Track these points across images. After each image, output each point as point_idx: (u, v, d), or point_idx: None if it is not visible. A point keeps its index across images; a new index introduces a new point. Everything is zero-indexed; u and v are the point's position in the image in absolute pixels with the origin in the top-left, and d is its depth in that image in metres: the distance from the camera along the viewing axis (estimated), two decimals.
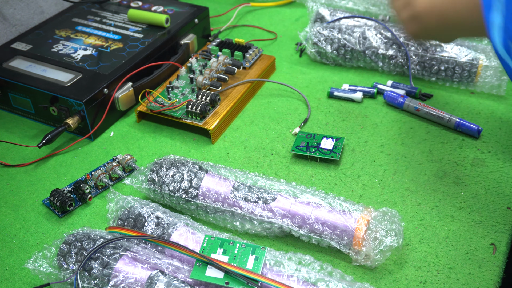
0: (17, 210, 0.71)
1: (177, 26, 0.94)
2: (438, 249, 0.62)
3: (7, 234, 0.67)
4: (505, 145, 0.76)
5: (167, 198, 0.67)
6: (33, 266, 0.57)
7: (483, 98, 0.85)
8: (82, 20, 0.97)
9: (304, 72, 0.93)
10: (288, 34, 1.03)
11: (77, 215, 0.69)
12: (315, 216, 0.61)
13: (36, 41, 0.91)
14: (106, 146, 0.80)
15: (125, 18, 0.97)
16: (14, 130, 0.84)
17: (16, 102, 0.85)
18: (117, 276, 0.55)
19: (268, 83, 0.91)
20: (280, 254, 0.58)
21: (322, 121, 0.82)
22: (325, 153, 0.74)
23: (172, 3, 1.01)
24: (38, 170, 0.77)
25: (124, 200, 0.64)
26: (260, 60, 0.92)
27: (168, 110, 0.80)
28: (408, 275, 0.60)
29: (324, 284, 0.54)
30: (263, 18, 1.09)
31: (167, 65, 0.89)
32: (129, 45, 0.89)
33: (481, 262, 0.61)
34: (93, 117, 0.80)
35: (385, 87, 0.86)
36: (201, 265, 0.55)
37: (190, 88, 0.85)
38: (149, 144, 0.80)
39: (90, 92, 0.79)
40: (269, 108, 0.86)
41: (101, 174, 0.72)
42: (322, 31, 0.91)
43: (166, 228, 0.60)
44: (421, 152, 0.75)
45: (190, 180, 0.65)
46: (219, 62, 0.87)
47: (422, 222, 0.66)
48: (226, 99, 0.83)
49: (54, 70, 0.84)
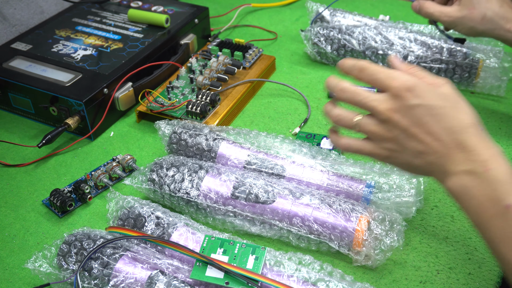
0: (17, 210, 0.70)
1: (177, 26, 0.94)
2: (438, 249, 0.62)
3: (7, 234, 0.67)
4: (505, 145, 0.76)
5: (167, 199, 0.67)
6: (33, 266, 0.57)
7: (483, 98, 0.85)
8: (82, 20, 0.97)
9: (304, 72, 0.93)
10: (288, 34, 1.03)
11: (77, 215, 0.69)
12: (314, 217, 0.61)
13: (36, 41, 0.91)
14: (106, 146, 0.80)
15: (125, 18, 0.97)
16: (14, 130, 0.84)
17: (16, 102, 0.85)
18: (117, 276, 0.55)
19: (268, 83, 0.91)
20: (280, 254, 0.58)
21: (322, 121, 0.82)
22: None
23: (172, 3, 1.01)
24: (38, 170, 0.77)
25: (124, 200, 0.64)
26: (260, 60, 0.92)
27: (168, 110, 0.80)
28: (408, 275, 0.60)
29: (324, 284, 0.54)
30: (263, 18, 1.09)
31: (167, 65, 0.89)
32: (129, 45, 0.89)
33: (481, 262, 0.61)
34: (93, 117, 0.80)
35: None
36: (201, 265, 0.55)
37: (190, 88, 0.85)
38: (149, 144, 0.80)
39: (90, 92, 0.79)
40: (269, 108, 0.86)
41: (101, 174, 0.72)
42: (322, 31, 0.91)
43: (166, 228, 0.60)
44: None
45: (190, 180, 0.65)
46: (219, 62, 0.87)
47: (422, 222, 0.66)
48: (226, 99, 0.83)
49: (54, 70, 0.84)
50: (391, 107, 0.50)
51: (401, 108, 0.50)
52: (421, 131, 0.50)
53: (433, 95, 0.50)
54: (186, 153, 0.72)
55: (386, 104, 0.51)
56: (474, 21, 0.73)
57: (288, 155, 0.70)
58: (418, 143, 0.50)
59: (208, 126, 0.74)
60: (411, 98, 0.50)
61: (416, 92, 0.50)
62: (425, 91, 0.50)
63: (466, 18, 0.73)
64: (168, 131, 0.73)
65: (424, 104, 0.49)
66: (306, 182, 0.66)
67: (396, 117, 0.50)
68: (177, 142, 0.72)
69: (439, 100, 0.50)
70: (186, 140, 0.71)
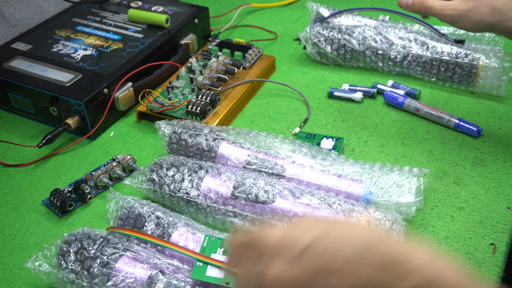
0: (17, 210, 0.70)
1: (177, 26, 0.94)
2: (438, 249, 0.62)
3: (7, 234, 0.67)
4: (505, 145, 0.76)
5: (167, 199, 0.67)
6: (33, 265, 0.57)
7: (483, 98, 0.85)
8: (82, 20, 0.97)
9: (304, 72, 0.93)
10: (288, 34, 1.03)
11: (77, 215, 0.69)
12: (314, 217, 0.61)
13: (36, 41, 0.91)
14: (106, 146, 0.80)
15: (125, 18, 0.97)
16: (14, 130, 0.84)
17: (16, 102, 0.85)
18: (117, 275, 0.55)
19: (268, 83, 0.91)
20: None
21: (322, 121, 0.82)
22: None
23: (172, 3, 1.01)
24: (38, 170, 0.77)
25: (124, 200, 0.64)
26: (260, 60, 0.92)
27: (168, 110, 0.80)
28: None
29: None
30: (263, 18, 1.09)
31: (167, 65, 0.89)
32: (129, 45, 0.89)
33: (481, 262, 0.61)
34: (93, 117, 0.80)
35: (385, 87, 0.86)
36: (201, 265, 0.55)
37: (190, 88, 0.85)
38: (149, 144, 0.80)
39: (90, 92, 0.79)
40: (269, 108, 0.86)
41: (101, 174, 0.72)
42: (322, 31, 0.91)
43: (166, 228, 0.60)
44: (421, 152, 0.75)
45: (190, 180, 0.65)
46: (219, 62, 0.87)
47: (422, 222, 0.66)
48: (226, 99, 0.83)
49: (54, 70, 0.84)
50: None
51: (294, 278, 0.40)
52: (328, 276, 0.39)
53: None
54: (186, 153, 0.72)
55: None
56: (483, 13, 0.68)
57: (288, 155, 0.70)
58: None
59: (208, 126, 0.74)
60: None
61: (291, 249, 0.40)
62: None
63: (474, 11, 0.69)
64: (168, 131, 0.73)
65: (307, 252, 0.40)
66: (306, 182, 0.66)
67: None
68: (177, 142, 0.72)
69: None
70: (186, 140, 0.71)
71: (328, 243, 0.40)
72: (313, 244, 0.40)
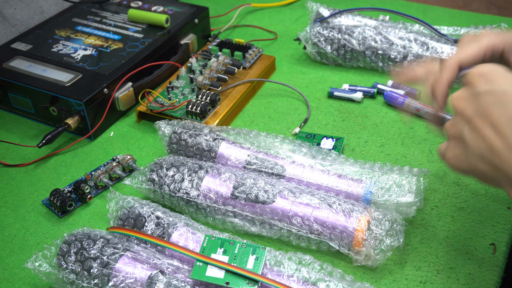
0: (17, 210, 0.70)
1: (177, 26, 0.94)
2: (438, 249, 0.62)
3: (7, 234, 0.67)
4: None
5: (167, 199, 0.67)
6: (33, 265, 0.57)
7: None
8: (82, 20, 0.97)
9: (304, 72, 0.93)
10: (288, 34, 1.03)
11: (77, 215, 0.69)
12: (314, 217, 0.61)
13: (36, 41, 0.91)
14: (106, 146, 0.80)
15: (125, 18, 0.97)
16: (14, 130, 0.84)
17: (16, 102, 0.85)
18: (117, 276, 0.55)
19: (268, 83, 0.91)
20: (280, 254, 0.58)
21: (322, 121, 0.82)
22: None
23: (172, 3, 1.01)
24: (38, 170, 0.77)
25: (124, 200, 0.64)
26: (260, 60, 0.92)
27: (168, 110, 0.80)
28: (408, 275, 0.60)
29: (324, 284, 0.54)
30: (263, 18, 1.09)
31: (167, 65, 0.89)
32: (129, 45, 0.89)
33: (481, 262, 0.61)
34: (93, 117, 0.80)
35: (385, 87, 0.86)
36: (201, 265, 0.55)
37: (190, 88, 0.85)
38: (149, 144, 0.80)
39: (90, 92, 0.79)
40: (269, 108, 0.86)
41: (101, 174, 0.72)
42: (322, 31, 0.91)
43: (166, 228, 0.60)
44: (421, 152, 0.75)
45: (190, 180, 0.65)
46: (219, 62, 0.87)
47: (422, 222, 0.66)
48: (226, 99, 0.83)
49: (54, 70, 0.84)
50: (459, 95, 0.43)
51: (469, 96, 0.42)
52: (484, 123, 0.40)
53: (509, 80, 0.40)
54: (186, 153, 0.72)
55: (457, 93, 0.44)
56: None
57: (288, 155, 0.70)
58: (481, 140, 0.41)
59: (208, 126, 0.74)
60: (481, 84, 0.41)
61: (488, 77, 0.41)
62: (500, 76, 0.41)
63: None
64: (168, 131, 0.73)
65: (494, 89, 0.40)
66: (306, 182, 0.67)
67: (461, 106, 0.42)
68: (177, 142, 0.72)
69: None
70: (186, 140, 0.71)
71: (500, 102, 0.40)
72: (496, 94, 0.41)
